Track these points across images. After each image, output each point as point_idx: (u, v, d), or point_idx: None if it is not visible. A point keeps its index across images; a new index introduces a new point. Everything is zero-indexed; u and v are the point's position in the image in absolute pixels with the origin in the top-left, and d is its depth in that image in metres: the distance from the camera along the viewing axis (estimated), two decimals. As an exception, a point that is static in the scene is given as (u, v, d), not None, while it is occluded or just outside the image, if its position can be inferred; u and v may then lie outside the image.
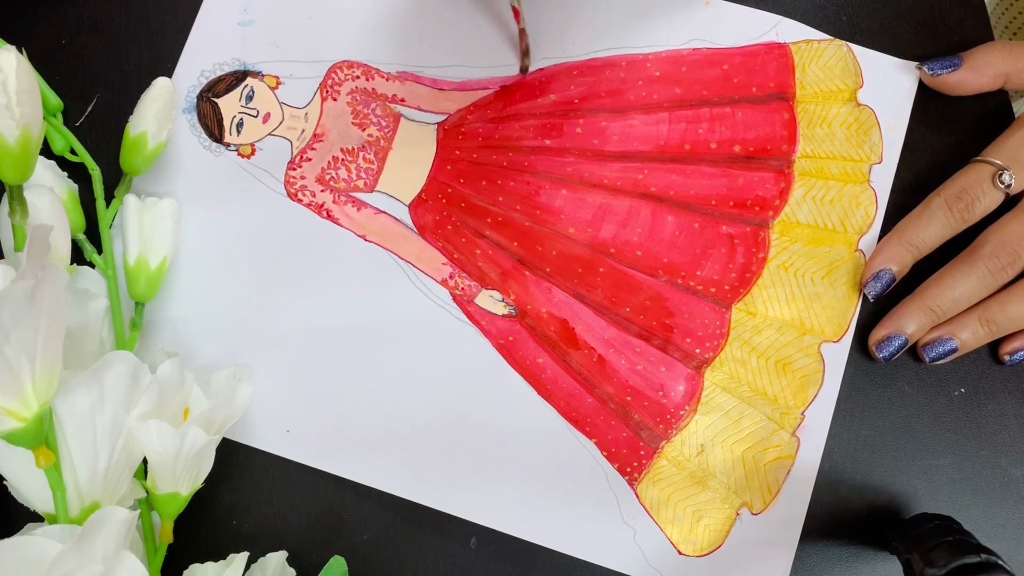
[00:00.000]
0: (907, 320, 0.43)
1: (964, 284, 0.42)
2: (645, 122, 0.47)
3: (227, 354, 0.45)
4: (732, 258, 0.46)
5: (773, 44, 0.48)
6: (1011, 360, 0.44)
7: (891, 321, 0.44)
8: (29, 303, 0.30)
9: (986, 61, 0.45)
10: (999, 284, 0.42)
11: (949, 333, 0.43)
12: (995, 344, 0.45)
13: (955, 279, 0.43)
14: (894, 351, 0.44)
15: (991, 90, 0.46)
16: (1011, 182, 0.42)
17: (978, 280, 0.42)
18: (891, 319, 0.44)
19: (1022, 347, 0.44)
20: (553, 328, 0.45)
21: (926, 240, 0.44)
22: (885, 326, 0.44)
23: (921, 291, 0.44)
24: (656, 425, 0.44)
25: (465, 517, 0.44)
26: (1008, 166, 0.43)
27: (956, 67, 0.46)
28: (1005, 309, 0.42)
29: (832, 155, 0.47)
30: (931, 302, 0.43)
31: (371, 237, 0.46)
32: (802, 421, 0.44)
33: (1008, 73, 0.45)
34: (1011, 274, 0.42)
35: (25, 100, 0.34)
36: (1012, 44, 0.46)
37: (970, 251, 0.43)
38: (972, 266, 0.42)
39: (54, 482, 0.34)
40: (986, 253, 0.42)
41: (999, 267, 0.42)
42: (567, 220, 0.46)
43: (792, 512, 0.44)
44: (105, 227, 0.44)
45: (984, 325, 0.43)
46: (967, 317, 0.43)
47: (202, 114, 0.47)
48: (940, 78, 0.46)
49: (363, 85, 0.48)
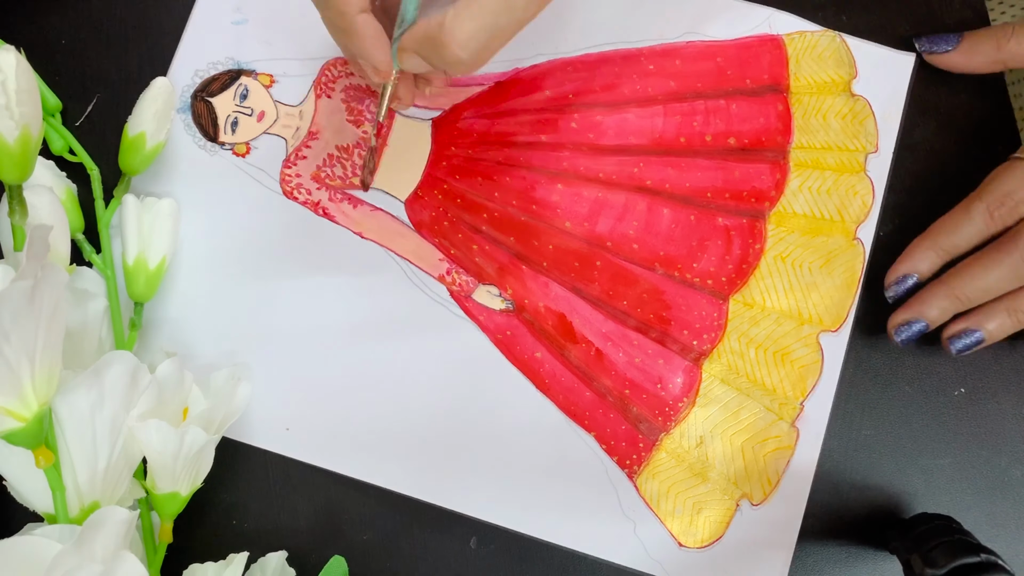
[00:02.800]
0: (930, 305, 0.42)
1: (996, 273, 0.41)
2: (640, 116, 0.47)
3: (226, 354, 0.45)
4: (729, 250, 0.46)
5: (766, 36, 0.48)
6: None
7: (914, 306, 0.43)
8: (29, 303, 0.30)
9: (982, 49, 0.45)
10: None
11: (976, 324, 0.42)
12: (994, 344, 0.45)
13: (987, 268, 0.41)
14: (912, 336, 0.43)
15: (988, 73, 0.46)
16: None
17: (1010, 270, 0.40)
18: (914, 304, 0.43)
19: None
20: (551, 322, 0.45)
21: (959, 245, 0.42)
22: (907, 310, 0.43)
23: (949, 278, 0.42)
24: (655, 418, 0.45)
25: (464, 512, 0.44)
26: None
27: (951, 48, 0.45)
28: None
29: (828, 146, 0.47)
30: (958, 290, 0.42)
31: (367, 234, 0.46)
32: (801, 412, 0.44)
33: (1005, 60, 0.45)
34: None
35: (25, 100, 0.34)
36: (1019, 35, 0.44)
37: (1006, 241, 0.41)
38: (1007, 255, 0.40)
39: (54, 482, 0.34)
40: (1022, 245, 0.40)
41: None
42: (563, 215, 0.46)
43: (792, 503, 0.44)
44: (104, 227, 0.44)
45: (1012, 315, 0.41)
46: (994, 308, 0.42)
47: (197, 114, 0.47)
48: (935, 56, 0.46)
49: (357, 82, 0.48)
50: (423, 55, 0.37)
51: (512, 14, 0.35)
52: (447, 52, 0.36)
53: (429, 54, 0.37)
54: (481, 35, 0.35)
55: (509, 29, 0.36)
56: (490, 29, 0.35)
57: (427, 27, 0.36)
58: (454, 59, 0.36)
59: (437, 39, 0.36)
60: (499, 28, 0.36)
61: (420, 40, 0.37)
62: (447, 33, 0.35)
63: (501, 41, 0.37)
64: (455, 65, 0.36)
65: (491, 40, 0.36)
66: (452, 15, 0.35)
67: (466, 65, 0.37)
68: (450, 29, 0.35)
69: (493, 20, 0.35)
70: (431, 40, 0.36)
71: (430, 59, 0.37)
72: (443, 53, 0.36)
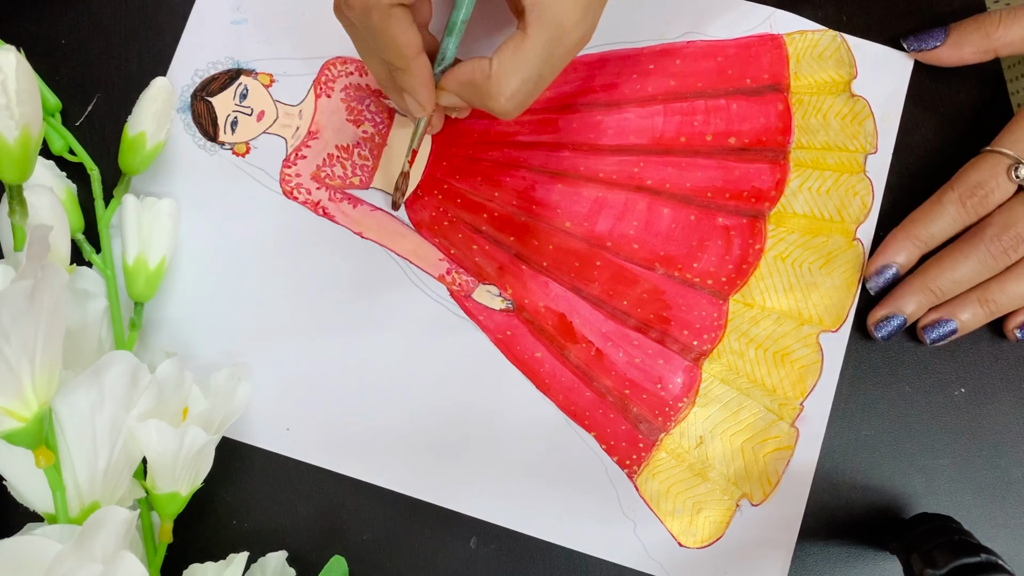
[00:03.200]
0: (906, 300, 0.43)
1: (965, 266, 0.42)
2: (640, 115, 0.47)
3: (226, 353, 0.45)
4: (729, 250, 0.46)
5: (767, 36, 0.48)
6: (1022, 335, 0.44)
7: (891, 301, 0.44)
8: (29, 303, 0.30)
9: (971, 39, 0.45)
10: (1001, 267, 0.42)
11: (949, 314, 0.43)
12: (995, 342, 0.45)
13: (956, 260, 0.42)
14: (892, 331, 0.44)
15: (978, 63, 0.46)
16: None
17: (980, 262, 0.42)
18: (891, 299, 0.44)
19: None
20: (551, 322, 0.45)
21: (935, 235, 0.43)
22: (884, 306, 0.44)
23: (922, 272, 0.43)
24: (655, 418, 0.45)
25: (464, 512, 0.44)
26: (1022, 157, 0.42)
27: (939, 43, 0.45)
28: (1005, 289, 0.42)
29: (827, 146, 0.47)
30: (931, 283, 0.43)
31: (367, 234, 0.46)
32: (801, 412, 0.44)
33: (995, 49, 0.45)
34: (1013, 257, 0.42)
35: (25, 100, 0.34)
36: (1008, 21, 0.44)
37: (973, 233, 0.43)
38: (974, 248, 0.42)
39: (54, 482, 0.34)
40: (989, 235, 0.42)
41: (1001, 250, 0.41)
42: (563, 214, 0.46)
43: (792, 503, 0.44)
44: (104, 227, 0.44)
45: (983, 305, 0.42)
46: (967, 298, 0.43)
47: (196, 113, 0.47)
48: (924, 53, 0.46)
49: (357, 81, 0.48)
50: (464, 97, 0.39)
51: (554, 64, 0.37)
52: (493, 103, 0.37)
53: (471, 98, 0.39)
54: (526, 87, 0.37)
55: (551, 78, 0.38)
56: (535, 81, 0.37)
57: (471, 74, 0.37)
58: (501, 110, 0.38)
59: (483, 88, 0.37)
60: (542, 79, 0.37)
61: (463, 84, 0.38)
62: (494, 85, 0.37)
63: (542, 89, 0.38)
64: (500, 114, 0.38)
65: (535, 90, 0.38)
66: (498, 66, 0.36)
67: (511, 114, 0.38)
68: (496, 81, 0.36)
69: (537, 72, 0.37)
70: (476, 87, 0.37)
71: (471, 102, 0.39)
72: (488, 103, 0.38)
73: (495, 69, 0.36)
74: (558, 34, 0.36)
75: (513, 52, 0.36)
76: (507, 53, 0.36)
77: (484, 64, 0.37)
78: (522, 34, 0.36)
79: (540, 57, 0.36)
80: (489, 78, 0.37)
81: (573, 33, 0.36)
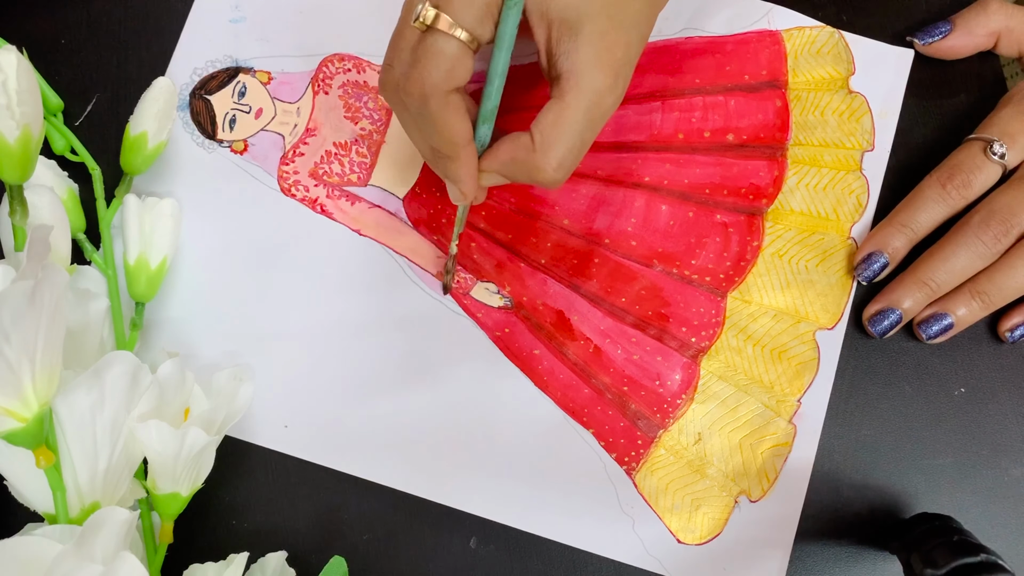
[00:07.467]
0: (902, 295, 0.43)
1: (957, 256, 0.42)
2: (638, 112, 0.47)
3: (227, 354, 0.46)
4: (727, 246, 0.46)
5: (765, 32, 0.48)
6: (1012, 337, 0.44)
7: (886, 296, 0.44)
8: (29, 303, 0.30)
9: (978, 21, 0.45)
10: (993, 255, 0.42)
11: (944, 309, 0.43)
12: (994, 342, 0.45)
13: (948, 251, 0.42)
14: (888, 327, 0.44)
15: (985, 50, 0.46)
16: (1003, 151, 0.42)
17: (972, 251, 0.42)
18: (886, 294, 0.44)
19: (1021, 323, 0.44)
20: (549, 319, 0.46)
21: (921, 221, 0.43)
22: (879, 301, 0.44)
23: (916, 266, 0.43)
24: (653, 414, 0.45)
25: (463, 509, 0.44)
26: (998, 138, 0.42)
27: (947, 32, 0.46)
28: (993, 280, 0.42)
29: (824, 143, 0.47)
30: (925, 276, 0.43)
31: (366, 231, 0.46)
32: (798, 408, 0.44)
33: (999, 31, 0.45)
34: (1005, 244, 0.42)
35: (25, 100, 0.34)
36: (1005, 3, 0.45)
37: (962, 223, 0.43)
38: (964, 237, 0.42)
39: (54, 482, 0.34)
40: (976, 223, 0.42)
41: (991, 237, 0.41)
42: (561, 211, 0.46)
43: (790, 499, 0.44)
44: (105, 227, 0.44)
45: (976, 298, 0.42)
46: (960, 292, 0.43)
47: (195, 111, 0.48)
48: (934, 45, 0.46)
49: (355, 78, 0.48)
50: (507, 174, 0.38)
51: (594, 128, 0.37)
52: (542, 175, 0.37)
53: (515, 174, 0.38)
54: (572, 154, 0.37)
55: (592, 140, 0.37)
56: (579, 147, 0.37)
57: (514, 152, 0.37)
58: (550, 180, 0.37)
59: (529, 163, 0.37)
60: (585, 144, 0.37)
61: (506, 163, 0.38)
62: (540, 158, 0.36)
63: (585, 152, 0.38)
64: (549, 184, 0.37)
65: (580, 156, 0.37)
66: (540, 139, 0.36)
67: (559, 183, 0.38)
68: (543, 153, 0.36)
69: (580, 139, 0.36)
70: (520, 164, 0.37)
71: (515, 178, 0.39)
72: (537, 176, 0.37)
73: (539, 142, 0.36)
74: (596, 99, 0.35)
75: (555, 122, 0.36)
76: (548, 124, 0.36)
77: (524, 139, 0.36)
78: (561, 103, 0.35)
79: (581, 124, 0.36)
80: (534, 152, 0.36)
81: (608, 97, 0.36)
